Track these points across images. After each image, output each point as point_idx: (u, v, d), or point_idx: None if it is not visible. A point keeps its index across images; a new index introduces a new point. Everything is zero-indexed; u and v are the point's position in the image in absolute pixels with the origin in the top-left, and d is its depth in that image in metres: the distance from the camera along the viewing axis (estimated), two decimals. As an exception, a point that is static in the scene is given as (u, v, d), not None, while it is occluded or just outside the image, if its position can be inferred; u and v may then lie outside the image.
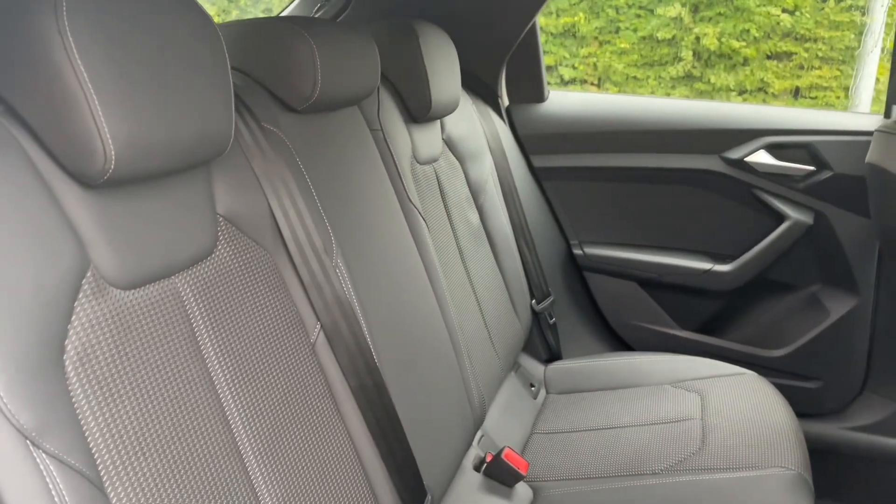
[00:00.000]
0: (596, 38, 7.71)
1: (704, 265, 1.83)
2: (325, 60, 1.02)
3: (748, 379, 1.58)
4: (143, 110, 0.66)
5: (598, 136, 1.85)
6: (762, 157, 1.73)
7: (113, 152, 0.64)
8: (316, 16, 1.69)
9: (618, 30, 7.73)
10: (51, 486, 0.55)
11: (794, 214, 1.73)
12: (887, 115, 1.66)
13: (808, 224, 1.72)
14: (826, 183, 1.69)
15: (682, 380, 1.61)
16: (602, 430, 1.50)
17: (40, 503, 0.54)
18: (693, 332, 1.88)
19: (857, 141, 1.63)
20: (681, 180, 1.82)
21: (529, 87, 1.90)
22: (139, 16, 0.67)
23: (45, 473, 0.55)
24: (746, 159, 1.73)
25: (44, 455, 0.56)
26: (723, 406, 1.48)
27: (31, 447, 0.55)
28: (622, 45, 7.61)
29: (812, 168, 1.70)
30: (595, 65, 7.60)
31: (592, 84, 7.50)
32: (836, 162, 1.67)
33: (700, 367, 1.64)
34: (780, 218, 1.75)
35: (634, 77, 7.62)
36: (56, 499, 0.55)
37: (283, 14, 1.75)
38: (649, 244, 1.89)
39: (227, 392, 0.81)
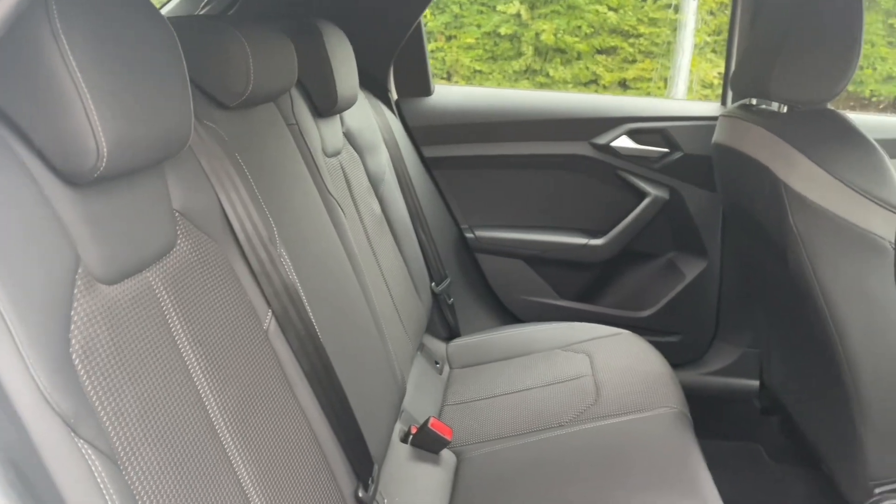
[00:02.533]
0: (442, 33, 7.96)
1: (580, 240, 2.04)
2: (257, 58, 1.06)
3: (625, 337, 1.79)
4: (127, 109, 0.69)
5: (481, 127, 2.00)
6: (624, 142, 1.96)
7: (105, 150, 0.66)
8: (202, 12, 1.67)
9: (462, 25, 8.03)
10: (93, 469, 0.58)
11: (653, 191, 1.98)
12: (724, 102, 1.95)
13: (665, 199, 1.98)
14: (678, 162, 1.95)
15: (570, 343, 1.80)
16: (507, 395, 1.65)
17: (86, 487, 0.57)
18: (573, 300, 2.09)
19: (702, 125, 1.90)
20: (556, 165, 2.01)
21: (416, 81, 2.00)
22: (115, 21, 0.69)
23: (86, 458, 0.58)
24: (612, 144, 1.96)
25: (82, 441, 0.58)
26: (609, 362, 1.67)
27: (72, 434, 0.57)
28: (467, 41, 7.91)
29: (666, 150, 1.96)
30: (443, 59, 7.85)
31: (442, 78, 7.73)
32: (685, 144, 1.93)
33: (584, 331, 1.83)
34: (641, 195, 1.99)
35: (480, 71, 7.95)
36: (98, 481, 0.58)
37: (164, 10, 1.72)
38: (532, 224, 2.07)
39: (203, 381, 0.84)
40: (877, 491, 1.40)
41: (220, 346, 0.89)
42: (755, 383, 2.01)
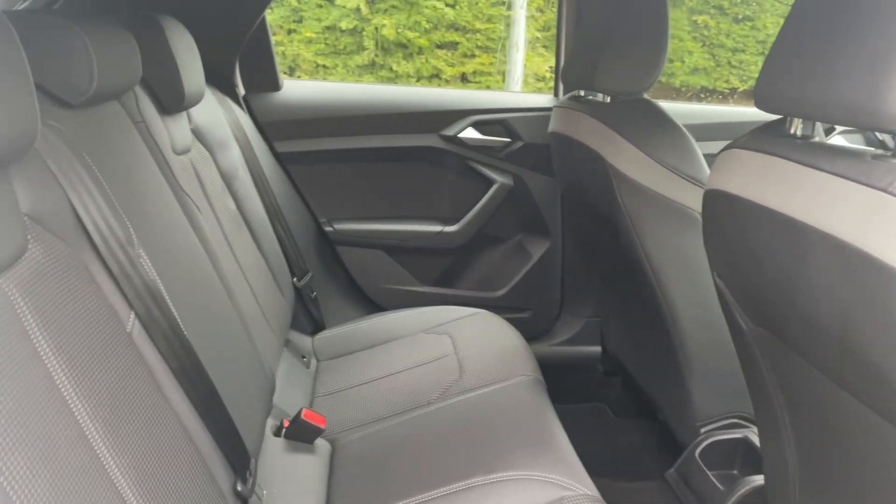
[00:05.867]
0: (281, 27, 7.78)
1: (436, 228, 2.13)
2: (100, 54, 1.02)
3: (483, 316, 1.90)
4: None
5: (333, 122, 2.03)
6: (471, 133, 2.08)
7: None
8: (22, 7, 1.56)
9: (301, 19, 7.90)
10: None
11: (499, 178, 2.11)
12: (556, 94, 2.12)
13: (510, 185, 2.12)
14: (519, 151, 2.09)
15: (432, 326, 1.88)
16: (376, 381, 1.70)
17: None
18: (433, 286, 2.18)
19: (539, 116, 2.05)
20: (409, 157, 2.08)
21: (264, 77, 1.99)
22: None
23: None
24: (459, 135, 2.06)
25: None
26: (469, 340, 1.78)
27: None
28: (308, 35, 7.80)
29: (508, 139, 2.09)
30: (284, 53, 7.68)
31: (284, 73, 7.55)
32: (525, 133, 2.08)
33: (444, 314, 1.92)
34: (489, 182, 2.12)
35: (323, 66, 7.88)
36: None
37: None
38: (389, 215, 2.13)
39: (69, 388, 0.81)
40: (702, 430, 1.61)
41: (84, 353, 0.86)
42: (598, 349, 2.22)
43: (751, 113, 2.16)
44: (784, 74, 0.86)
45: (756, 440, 1.53)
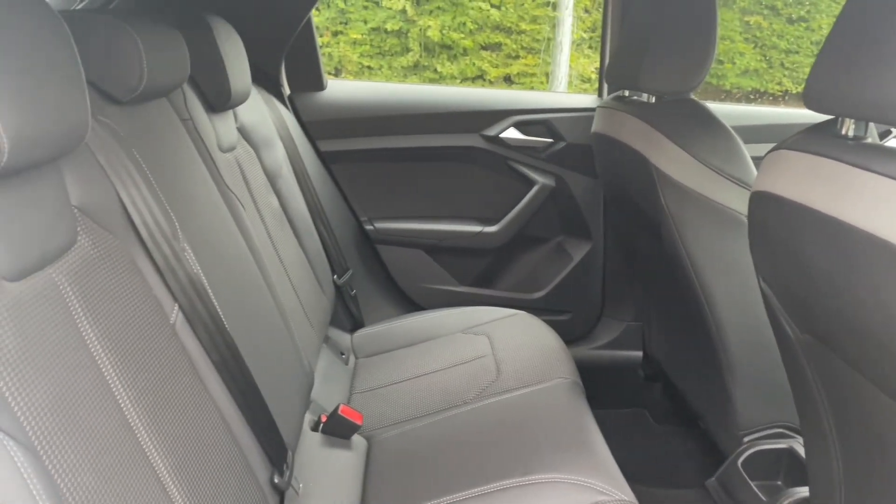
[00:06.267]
0: (328, 28, 7.89)
1: (475, 228, 2.13)
2: (149, 53, 1.06)
3: (521, 317, 1.89)
4: (27, 106, 0.69)
5: (375, 121, 2.04)
6: (512, 133, 2.07)
7: (6, 146, 0.66)
8: (80, 6, 1.62)
9: (348, 21, 7.99)
10: (14, 459, 0.58)
11: (540, 179, 2.10)
12: (600, 95, 2.10)
13: (552, 186, 2.10)
14: (562, 152, 2.08)
15: (470, 326, 1.88)
16: (413, 380, 1.70)
17: (9, 475, 0.57)
18: (471, 286, 2.18)
19: (582, 116, 2.03)
20: (449, 157, 2.09)
21: (309, 76, 2.02)
22: (11, 22, 0.69)
23: (7, 448, 0.58)
24: (501, 135, 2.06)
25: (2, 433, 0.58)
26: (507, 341, 1.77)
27: None
28: (354, 36, 7.89)
29: (550, 140, 2.08)
30: (330, 55, 7.79)
31: (331, 74, 7.66)
32: (567, 134, 2.06)
33: (482, 314, 1.92)
34: (530, 183, 2.10)
35: (369, 67, 7.96)
36: (21, 470, 0.58)
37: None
38: (429, 215, 2.13)
39: (114, 375, 0.84)
40: (745, 440, 1.57)
41: (129, 341, 0.89)
42: (639, 354, 2.18)
43: (801, 115, 2.10)
44: (836, 73, 0.83)
45: (801, 451, 1.48)
